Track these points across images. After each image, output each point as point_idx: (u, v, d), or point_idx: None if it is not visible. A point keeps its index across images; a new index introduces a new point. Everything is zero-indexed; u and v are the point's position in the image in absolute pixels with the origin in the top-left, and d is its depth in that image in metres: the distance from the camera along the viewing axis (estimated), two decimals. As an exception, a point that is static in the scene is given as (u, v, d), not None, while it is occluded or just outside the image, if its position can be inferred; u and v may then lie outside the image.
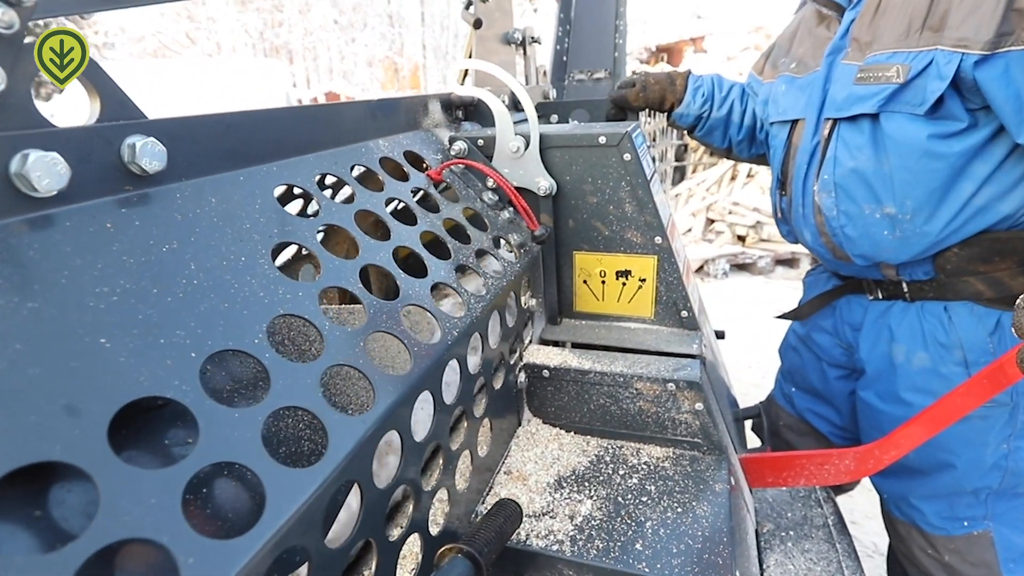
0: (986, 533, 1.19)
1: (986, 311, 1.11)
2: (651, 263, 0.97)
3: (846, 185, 1.15)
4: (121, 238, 0.47)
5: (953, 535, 1.22)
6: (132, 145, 0.49)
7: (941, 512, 1.22)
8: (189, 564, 0.35)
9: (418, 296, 0.68)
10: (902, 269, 1.19)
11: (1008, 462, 1.14)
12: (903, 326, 1.21)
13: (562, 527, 0.76)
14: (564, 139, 0.94)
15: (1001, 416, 1.13)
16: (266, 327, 0.50)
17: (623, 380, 0.89)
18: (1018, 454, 1.13)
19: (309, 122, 0.74)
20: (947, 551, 1.23)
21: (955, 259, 1.10)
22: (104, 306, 0.42)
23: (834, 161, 1.16)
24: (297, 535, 0.42)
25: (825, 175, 1.18)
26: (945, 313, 1.15)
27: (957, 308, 1.14)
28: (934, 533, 1.24)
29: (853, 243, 1.20)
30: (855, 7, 1.16)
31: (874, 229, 1.15)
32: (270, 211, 0.61)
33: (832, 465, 0.98)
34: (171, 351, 0.43)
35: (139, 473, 0.36)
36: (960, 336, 1.13)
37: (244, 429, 0.43)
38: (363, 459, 0.50)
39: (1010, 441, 1.12)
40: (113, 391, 0.38)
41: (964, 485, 1.17)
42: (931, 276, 1.16)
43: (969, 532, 1.20)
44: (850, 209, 1.16)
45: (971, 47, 0.93)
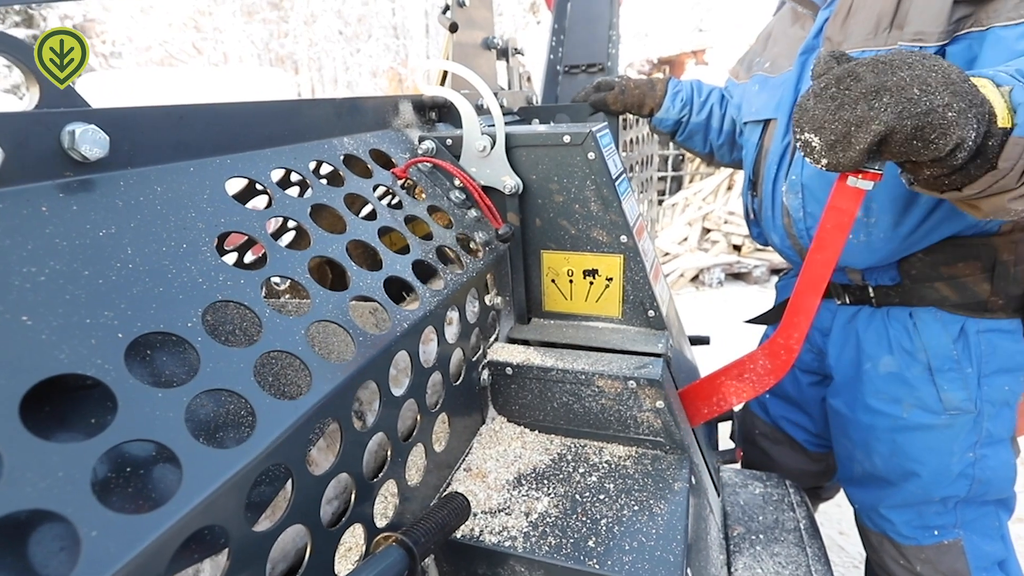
0: (956, 542, 1.18)
1: (951, 317, 1.11)
2: (617, 262, 0.98)
3: (812, 187, 1.14)
4: (55, 221, 0.47)
5: (923, 544, 1.20)
6: (72, 132, 0.50)
7: (911, 522, 1.21)
8: (92, 537, 0.35)
9: (369, 288, 0.68)
10: (868, 274, 1.19)
11: (975, 470, 1.13)
12: (869, 331, 1.21)
13: (517, 524, 0.76)
14: (529, 138, 0.95)
15: (965, 424, 1.12)
16: (201, 311, 0.51)
17: (585, 378, 0.89)
18: (984, 462, 1.12)
19: (268, 117, 0.74)
20: (918, 561, 1.21)
21: (920, 264, 1.09)
22: (30, 285, 0.43)
23: (802, 162, 1.16)
24: (215, 515, 0.42)
25: (793, 176, 1.18)
26: (910, 319, 1.15)
27: (922, 314, 1.14)
28: (904, 543, 1.23)
29: None
30: (829, 6, 1.17)
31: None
32: (219, 201, 0.61)
33: (750, 372, 0.93)
34: (97, 331, 0.44)
35: (48, 446, 0.37)
36: (924, 342, 1.13)
37: (167, 409, 0.43)
38: (295, 444, 0.50)
39: (976, 449, 1.12)
40: (30, 366, 0.39)
41: (932, 493, 1.16)
42: (896, 281, 1.15)
43: (939, 541, 1.19)
44: (816, 211, 1.15)
45: (927, 40, 0.94)
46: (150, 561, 0.37)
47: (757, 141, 1.31)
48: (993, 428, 1.11)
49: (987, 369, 1.09)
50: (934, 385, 1.12)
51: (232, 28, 17.95)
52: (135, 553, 0.36)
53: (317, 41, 18.91)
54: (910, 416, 1.16)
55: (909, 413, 1.16)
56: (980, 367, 1.09)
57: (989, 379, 1.09)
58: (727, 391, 0.96)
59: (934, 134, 0.63)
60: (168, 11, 16.95)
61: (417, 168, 0.96)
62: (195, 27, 17.94)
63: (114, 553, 0.35)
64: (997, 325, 1.08)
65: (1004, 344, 1.08)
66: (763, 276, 5.43)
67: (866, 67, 0.67)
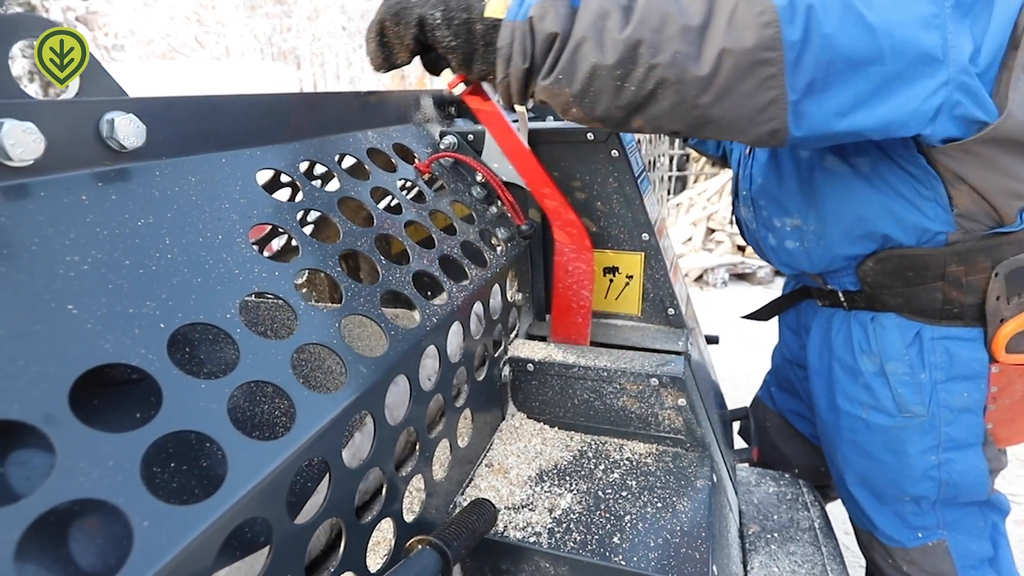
0: (941, 543, 1.18)
1: (908, 323, 1.10)
2: (638, 260, 0.98)
3: (759, 199, 1.22)
4: (96, 210, 0.47)
5: (908, 547, 1.20)
6: (111, 120, 0.50)
7: (892, 523, 1.21)
8: (144, 527, 0.35)
9: (399, 282, 0.68)
10: (830, 279, 1.20)
11: (940, 473, 1.12)
12: (839, 334, 1.22)
13: (541, 520, 0.76)
14: (553, 135, 0.94)
15: (919, 426, 1.11)
16: (239, 303, 0.50)
17: (607, 375, 0.89)
18: (950, 466, 1.11)
19: (295, 110, 0.74)
20: (904, 562, 1.22)
21: (873, 272, 1.09)
22: (73, 274, 0.42)
23: (750, 178, 1.23)
24: (258, 507, 0.42)
25: (743, 191, 1.26)
26: (872, 323, 1.15)
27: (883, 319, 1.14)
28: (890, 545, 1.23)
29: (775, 253, 1.25)
30: None
31: (787, 240, 1.19)
32: (251, 193, 0.61)
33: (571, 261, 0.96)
34: (139, 320, 0.43)
35: (98, 435, 0.36)
36: (881, 346, 1.13)
37: (210, 400, 0.43)
38: (332, 438, 0.50)
39: (939, 453, 1.11)
40: (77, 356, 0.39)
41: (903, 490, 1.16)
42: (858, 287, 1.16)
43: (924, 543, 1.18)
44: (767, 222, 1.22)
45: None
46: (198, 552, 0.37)
47: (739, 154, 1.35)
48: (954, 433, 1.10)
49: (941, 376, 1.08)
50: (889, 388, 1.12)
51: (235, 22, 17.91)
52: (185, 543, 0.36)
53: (320, 36, 18.87)
54: (869, 417, 1.16)
55: (868, 414, 1.17)
56: (933, 373, 1.08)
57: (945, 385, 1.08)
58: (570, 297, 0.97)
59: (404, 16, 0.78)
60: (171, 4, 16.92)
61: (439, 163, 0.95)
62: (198, 20, 17.90)
63: (166, 543, 0.35)
64: (955, 333, 1.07)
65: (962, 352, 1.07)
66: (767, 277, 5.43)
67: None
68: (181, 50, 17.52)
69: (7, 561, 0.30)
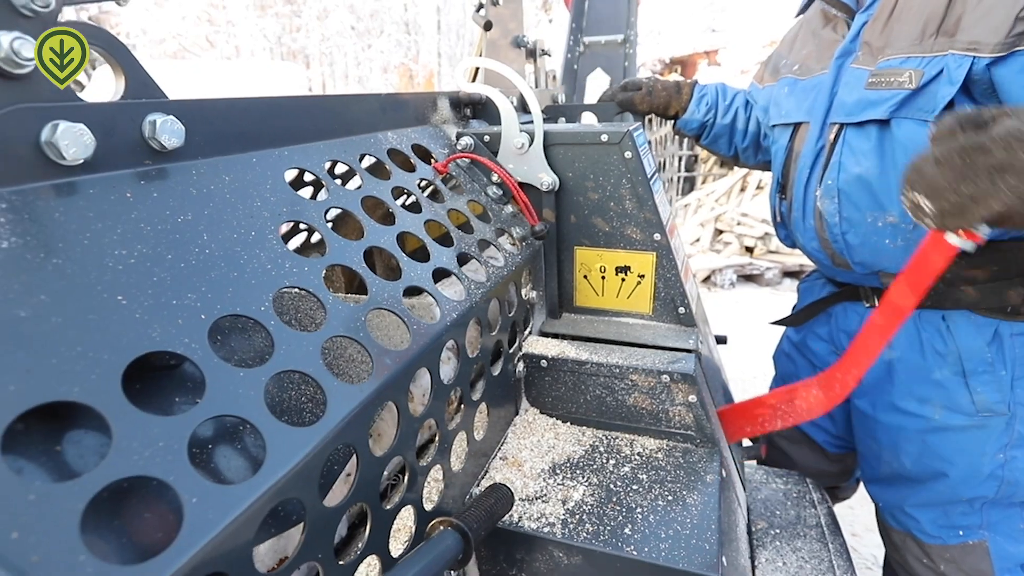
0: (981, 543, 1.18)
1: (984, 320, 1.11)
2: (650, 259, 0.99)
3: (850, 191, 1.14)
4: (139, 207, 0.50)
5: (948, 544, 1.21)
6: (153, 122, 0.52)
7: (936, 520, 1.22)
8: (193, 503, 0.37)
9: (420, 279, 0.70)
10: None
11: (1004, 472, 1.13)
12: (900, 334, 1.21)
13: (554, 511, 0.78)
14: (567, 136, 0.96)
15: (997, 426, 1.13)
16: (272, 296, 0.53)
17: (619, 371, 0.91)
18: (1014, 463, 1.12)
19: (320, 111, 0.77)
20: (942, 560, 1.22)
21: (954, 268, 1.09)
22: (122, 267, 0.45)
23: (839, 166, 1.15)
24: (294, 488, 0.44)
25: (829, 180, 1.18)
26: (943, 322, 1.15)
27: (955, 317, 1.14)
28: (929, 542, 1.24)
29: (854, 250, 1.20)
30: (867, 10, 1.16)
31: (875, 237, 1.14)
32: (280, 192, 0.64)
33: (801, 399, 0.95)
34: (182, 312, 0.46)
35: (149, 418, 0.39)
36: (958, 345, 1.14)
37: (248, 388, 0.46)
38: (360, 426, 0.52)
39: (1006, 451, 1.12)
40: (128, 343, 0.41)
41: (960, 494, 1.17)
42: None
43: (964, 541, 1.19)
44: (852, 216, 1.16)
45: (982, 50, 0.92)
46: (243, 527, 0.39)
47: (786, 144, 1.31)
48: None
49: (1021, 371, 1.10)
50: (967, 387, 1.13)
51: (245, 22, 18.02)
52: (231, 519, 0.38)
53: (329, 36, 18.96)
54: (941, 418, 1.16)
55: (940, 415, 1.17)
56: (1014, 369, 1.10)
57: (1022, 381, 1.10)
58: (775, 412, 0.98)
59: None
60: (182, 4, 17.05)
61: (455, 163, 0.98)
62: (208, 20, 18.03)
63: (212, 519, 0.38)
64: None
65: None
66: (775, 278, 5.43)
67: (997, 143, 0.68)
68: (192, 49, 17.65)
69: (73, 530, 0.33)
